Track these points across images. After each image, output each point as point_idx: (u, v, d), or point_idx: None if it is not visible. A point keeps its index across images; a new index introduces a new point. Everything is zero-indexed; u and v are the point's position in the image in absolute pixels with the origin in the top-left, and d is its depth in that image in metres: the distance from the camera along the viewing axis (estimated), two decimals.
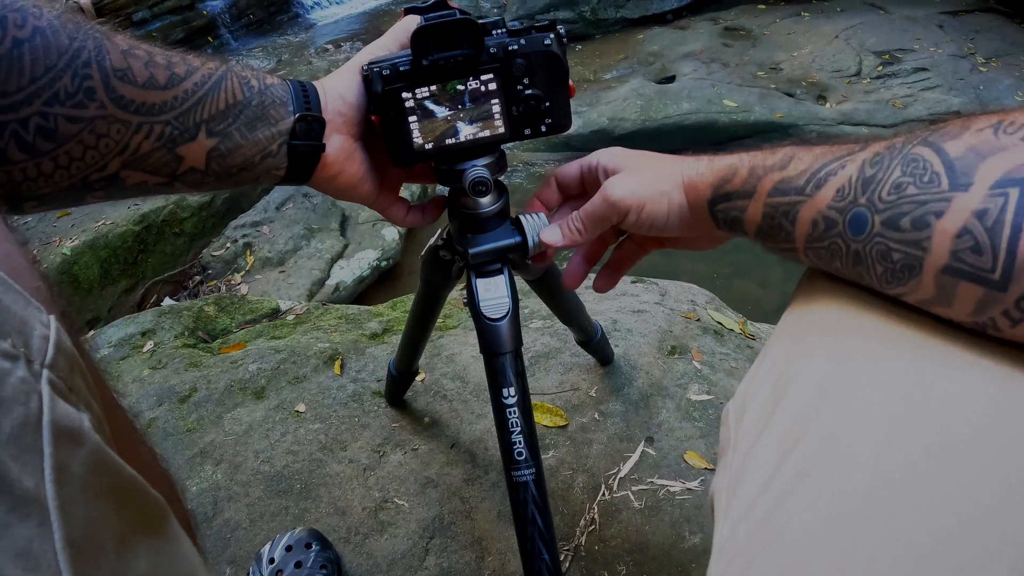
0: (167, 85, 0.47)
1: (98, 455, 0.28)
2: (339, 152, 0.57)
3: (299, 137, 0.54)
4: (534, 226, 0.64)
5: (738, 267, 3.01)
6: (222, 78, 0.51)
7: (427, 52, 0.56)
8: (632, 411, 1.16)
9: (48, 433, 0.25)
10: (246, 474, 1.11)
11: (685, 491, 1.05)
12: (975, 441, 0.32)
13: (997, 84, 3.76)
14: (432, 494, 1.04)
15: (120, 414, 0.49)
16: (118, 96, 0.45)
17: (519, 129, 0.61)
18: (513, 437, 0.65)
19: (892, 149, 0.40)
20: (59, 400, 0.27)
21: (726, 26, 4.90)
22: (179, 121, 0.48)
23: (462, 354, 1.30)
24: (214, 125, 0.50)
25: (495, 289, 0.65)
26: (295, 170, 0.56)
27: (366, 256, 2.87)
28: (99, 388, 0.44)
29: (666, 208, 0.57)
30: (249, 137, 0.52)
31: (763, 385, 0.45)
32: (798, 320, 0.48)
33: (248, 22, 5.28)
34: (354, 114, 0.58)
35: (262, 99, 0.53)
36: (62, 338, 0.30)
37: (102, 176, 0.47)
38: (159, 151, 0.48)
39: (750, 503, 0.38)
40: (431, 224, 0.69)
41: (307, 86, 0.56)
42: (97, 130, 0.45)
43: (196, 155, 0.50)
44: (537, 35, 0.59)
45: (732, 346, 1.37)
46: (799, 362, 0.43)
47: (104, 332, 1.63)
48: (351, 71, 0.58)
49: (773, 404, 0.42)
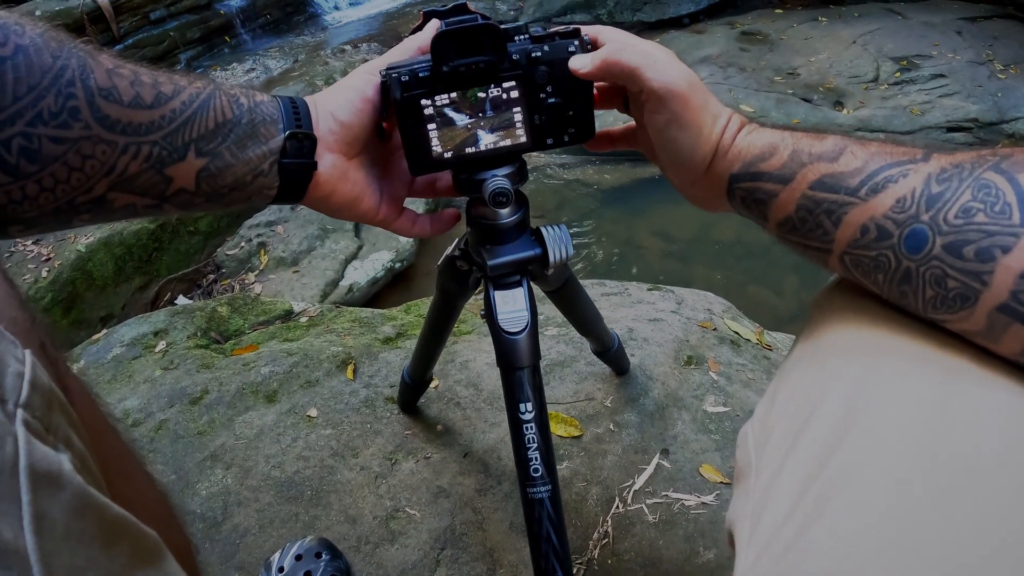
0: (154, 104, 0.46)
1: (81, 498, 0.27)
2: (331, 171, 0.55)
3: (290, 155, 0.53)
4: (555, 239, 0.62)
5: (752, 273, 2.98)
6: (210, 97, 0.49)
7: (447, 58, 0.55)
8: (647, 422, 1.14)
9: (25, 479, 0.24)
10: (256, 479, 1.10)
11: (700, 505, 1.03)
12: (1003, 469, 0.31)
13: (1015, 91, 3.71)
14: (444, 504, 1.03)
15: (113, 440, 0.48)
16: (103, 116, 0.44)
17: (541, 138, 0.60)
18: (529, 453, 0.64)
19: (961, 168, 0.38)
20: (36, 442, 0.26)
21: (743, 30, 4.86)
22: (167, 141, 0.47)
23: (476, 361, 1.29)
24: (203, 145, 0.49)
25: (514, 302, 0.63)
26: (287, 189, 0.54)
27: (380, 258, 2.86)
28: (88, 414, 0.43)
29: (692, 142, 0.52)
30: (239, 156, 0.51)
31: (785, 410, 0.44)
32: (819, 341, 0.46)
33: (265, 22, 5.30)
34: (346, 133, 0.56)
35: (252, 117, 0.51)
36: (38, 374, 0.29)
37: (89, 198, 0.46)
38: (147, 172, 0.47)
39: (774, 531, 0.38)
40: (441, 234, 0.67)
41: (298, 103, 0.54)
42: (82, 151, 0.43)
43: (185, 175, 0.49)
44: (561, 42, 0.57)
45: (749, 356, 1.35)
46: (823, 387, 0.42)
47: (117, 331, 1.63)
48: (345, 89, 0.57)
49: (797, 431, 0.41)
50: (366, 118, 0.57)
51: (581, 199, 3.50)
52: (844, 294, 0.48)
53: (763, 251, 3.10)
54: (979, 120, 3.56)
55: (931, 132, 3.56)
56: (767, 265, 3.02)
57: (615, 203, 3.50)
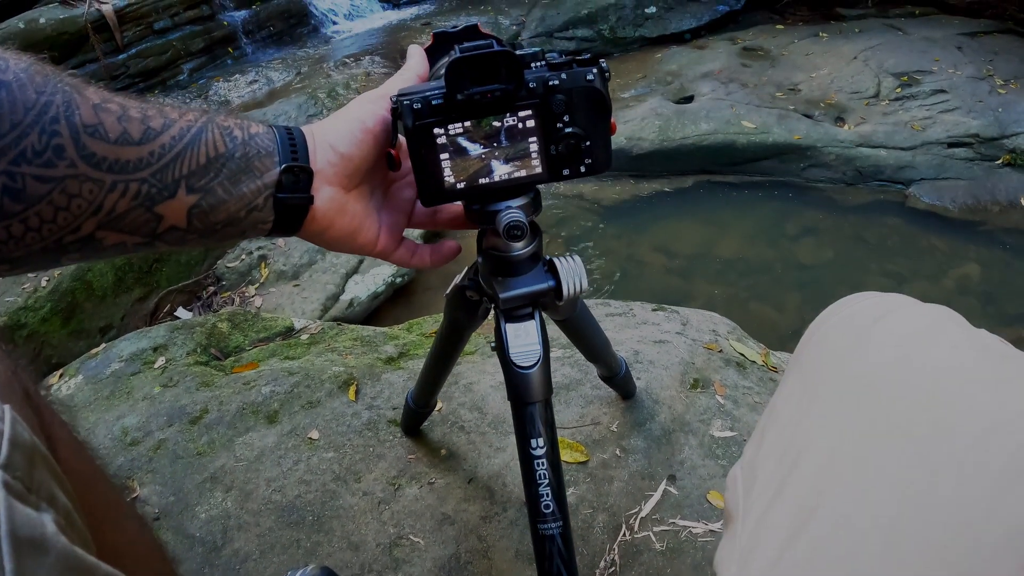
0: (142, 140, 0.44)
1: (66, 560, 0.26)
2: (329, 204, 0.54)
3: (285, 190, 0.51)
4: (569, 271, 0.61)
5: (754, 290, 2.97)
6: (202, 130, 0.48)
7: (462, 86, 0.54)
8: (654, 447, 1.13)
9: (7, 546, 0.23)
10: (257, 503, 1.09)
11: (708, 533, 1.02)
12: (993, 518, 0.31)
13: (1016, 106, 3.71)
14: (448, 531, 1.01)
15: (101, 487, 0.46)
16: (89, 153, 0.42)
17: (557, 169, 0.58)
18: (540, 489, 0.62)
19: None
20: (17, 505, 0.25)
21: (744, 46, 4.87)
22: (156, 178, 0.45)
23: (480, 383, 1.27)
24: (194, 181, 0.47)
25: (526, 335, 0.62)
26: (282, 223, 0.53)
27: (381, 272, 2.85)
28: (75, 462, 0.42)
29: None
30: (233, 192, 0.49)
31: (772, 452, 0.44)
32: (808, 378, 0.46)
33: (268, 34, 5.30)
34: (347, 165, 0.54)
35: (246, 150, 0.49)
36: (19, 431, 0.27)
37: (77, 237, 0.44)
38: (136, 210, 0.45)
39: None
40: (439, 267, 0.66)
41: (295, 134, 0.53)
42: (68, 190, 0.42)
43: (176, 213, 0.47)
44: (579, 70, 0.56)
45: (755, 379, 1.34)
46: (811, 430, 0.42)
47: (116, 346, 1.62)
48: (345, 120, 0.55)
49: (784, 473, 0.41)
50: (367, 149, 0.55)
51: (582, 215, 3.50)
52: (836, 325, 0.48)
53: (765, 268, 3.09)
54: (980, 135, 3.56)
55: (932, 147, 3.57)
56: (769, 282, 3.01)
57: (616, 219, 3.49)
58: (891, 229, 3.33)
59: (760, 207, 3.56)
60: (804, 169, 3.65)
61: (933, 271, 3.07)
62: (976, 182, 3.43)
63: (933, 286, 2.98)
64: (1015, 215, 3.29)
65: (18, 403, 0.29)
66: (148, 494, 1.13)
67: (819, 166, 3.63)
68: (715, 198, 3.64)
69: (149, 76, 4.71)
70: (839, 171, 3.61)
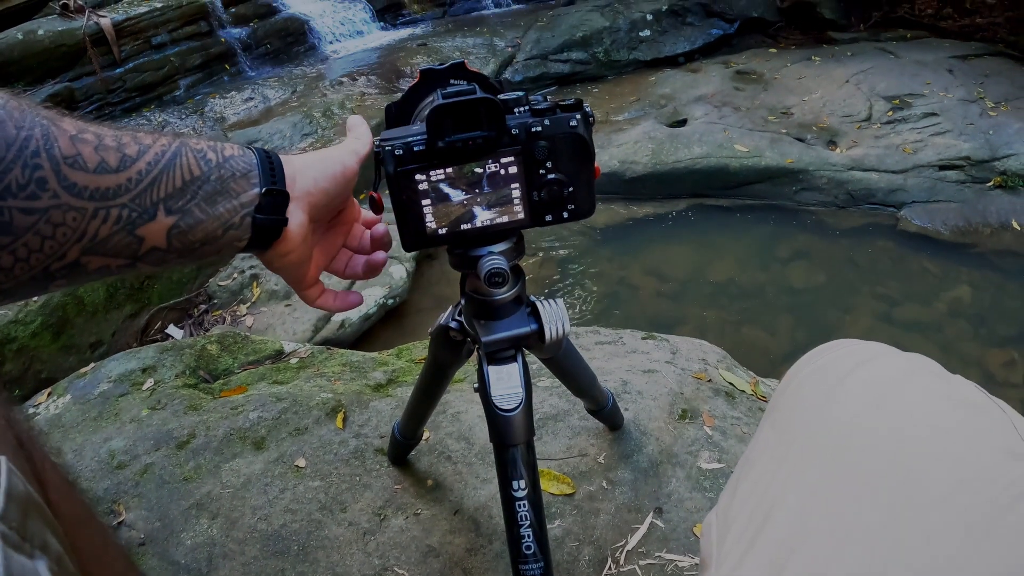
0: (119, 168, 0.47)
1: None
2: (298, 230, 0.56)
3: (264, 211, 0.53)
4: (552, 315, 0.61)
5: (746, 314, 2.98)
6: (176, 155, 0.50)
7: (443, 133, 0.54)
8: (641, 480, 1.13)
9: None
10: (242, 531, 1.08)
11: (694, 567, 1.01)
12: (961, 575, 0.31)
13: (1007, 128, 3.75)
14: (434, 564, 1.01)
15: (91, 528, 0.47)
16: (71, 184, 0.44)
17: (540, 215, 0.59)
18: (522, 531, 0.62)
19: None
20: (13, 555, 0.26)
21: (737, 69, 4.92)
22: (135, 203, 0.47)
23: (468, 413, 1.27)
24: (172, 203, 0.49)
25: (508, 379, 0.62)
26: (256, 241, 0.55)
27: (373, 293, 2.85)
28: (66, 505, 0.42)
29: None
30: (210, 212, 0.51)
31: (746, 503, 0.44)
32: (780, 431, 0.47)
33: (265, 51, 5.32)
34: (323, 199, 0.57)
35: (221, 173, 0.52)
36: (14, 482, 0.28)
37: (63, 264, 0.46)
38: (118, 234, 0.47)
39: None
40: (341, 311, 0.67)
41: (273, 158, 0.55)
42: (53, 220, 0.44)
43: (156, 235, 0.49)
44: (562, 115, 0.57)
45: (744, 409, 1.34)
46: (783, 483, 0.42)
47: (104, 366, 1.61)
48: (330, 160, 0.57)
49: (757, 528, 0.41)
50: (342, 191, 0.58)
51: (574, 237, 3.51)
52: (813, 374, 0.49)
53: (757, 291, 3.10)
54: (971, 158, 3.59)
55: (923, 170, 3.59)
56: (761, 306, 3.02)
57: (609, 242, 3.50)
58: (883, 252, 3.35)
59: (752, 230, 3.58)
60: (796, 192, 3.68)
61: (925, 294, 3.08)
62: (967, 204, 3.45)
63: (925, 309, 2.99)
64: (1007, 237, 3.31)
65: (12, 452, 0.30)
66: (134, 519, 1.13)
67: (811, 189, 3.66)
68: (707, 221, 3.66)
69: (146, 91, 4.72)
70: (831, 194, 3.63)
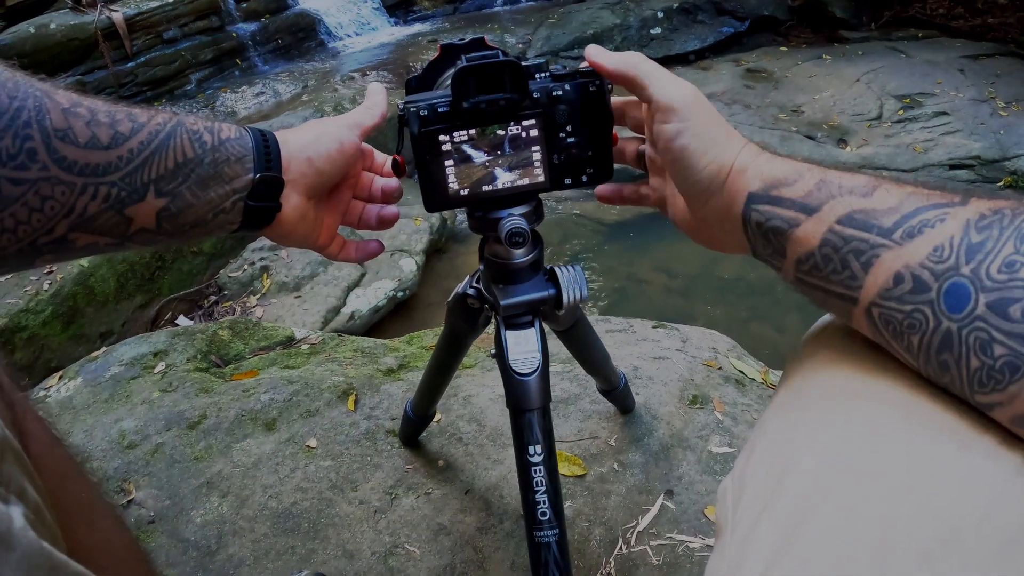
0: (110, 145, 0.46)
1: (34, 557, 0.26)
2: (293, 212, 0.56)
3: (257, 197, 0.53)
4: (570, 280, 0.62)
5: (755, 311, 2.97)
6: (170, 135, 0.49)
7: (468, 94, 0.55)
8: (652, 462, 1.13)
9: None
10: (253, 509, 1.09)
11: (705, 548, 1.01)
12: (983, 538, 0.30)
13: (1017, 128, 3.74)
14: (444, 542, 1.01)
15: (76, 484, 0.46)
16: (60, 157, 0.44)
17: (559, 178, 0.59)
18: (537, 496, 0.62)
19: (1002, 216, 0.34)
20: None
21: (748, 67, 4.91)
22: (125, 182, 0.47)
23: (479, 396, 1.27)
24: (163, 185, 0.48)
25: (525, 343, 0.63)
26: (248, 225, 0.55)
27: (383, 286, 2.85)
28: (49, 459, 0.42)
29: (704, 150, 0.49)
30: (201, 196, 0.50)
31: (760, 465, 0.42)
32: (796, 393, 0.45)
33: (276, 46, 5.34)
34: (318, 179, 0.57)
35: (215, 156, 0.51)
36: None
37: (50, 239, 0.45)
38: (107, 213, 0.47)
39: None
40: (359, 263, 0.67)
41: (269, 141, 0.54)
42: (41, 192, 0.43)
43: (146, 216, 0.49)
44: (583, 80, 0.57)
45: (754, 396, 1.34)
46: (799, 443, 0.40)
47: (116, 350, 1.62)
48: (326, 137, 0.57)
49: (772, 488, 0.39)
50: (339, 169, 0.58)
51: (584, 233, 3.51)
52: (825, 339, 0.47)
53: (766, 288, 3.09)
54: (981, 157, 3.58)
55: (934, 170, 3.58)
56: (770, 302, 3.01)
57: (618, 238, 3.50)
58: None
59: None
60: None
61: None
62: None
63: None
64: None
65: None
66: (144, 497, 1.13)
67: None
68: None
69: (157, 85, 4.75)
70: None
